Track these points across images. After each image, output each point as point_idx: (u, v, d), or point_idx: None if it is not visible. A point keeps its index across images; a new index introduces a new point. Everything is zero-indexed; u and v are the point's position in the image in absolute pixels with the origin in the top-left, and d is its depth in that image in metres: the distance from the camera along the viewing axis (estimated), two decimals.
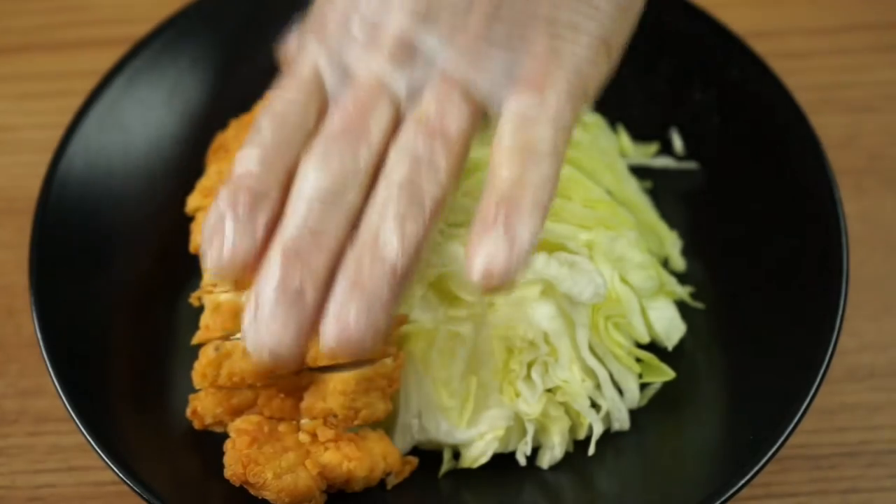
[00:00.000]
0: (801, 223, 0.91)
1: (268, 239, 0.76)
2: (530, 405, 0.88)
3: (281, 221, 0.76)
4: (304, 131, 0.79)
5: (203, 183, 0.94)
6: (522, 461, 0.89)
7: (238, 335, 0.86)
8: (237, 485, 0.84)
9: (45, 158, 0.95)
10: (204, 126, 1.02)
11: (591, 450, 0.88)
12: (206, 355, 0.86)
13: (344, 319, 0.73)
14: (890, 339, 1.00)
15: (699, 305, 0.94)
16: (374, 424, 0.87)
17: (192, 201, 0.94)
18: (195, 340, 0.88)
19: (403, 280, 0.74)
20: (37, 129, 1.12)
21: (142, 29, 1.02)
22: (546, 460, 0.90)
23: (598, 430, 0.88)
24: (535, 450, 0.90)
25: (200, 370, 0.86)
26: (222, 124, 1.01)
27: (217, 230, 0.76)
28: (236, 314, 0.87)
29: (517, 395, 0.88)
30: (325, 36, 0.81)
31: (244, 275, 0.76)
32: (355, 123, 0.78)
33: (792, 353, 0.87)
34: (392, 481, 0.87)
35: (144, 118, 1.00)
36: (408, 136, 0.77)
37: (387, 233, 0.74)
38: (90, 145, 0.97)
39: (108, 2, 1.20)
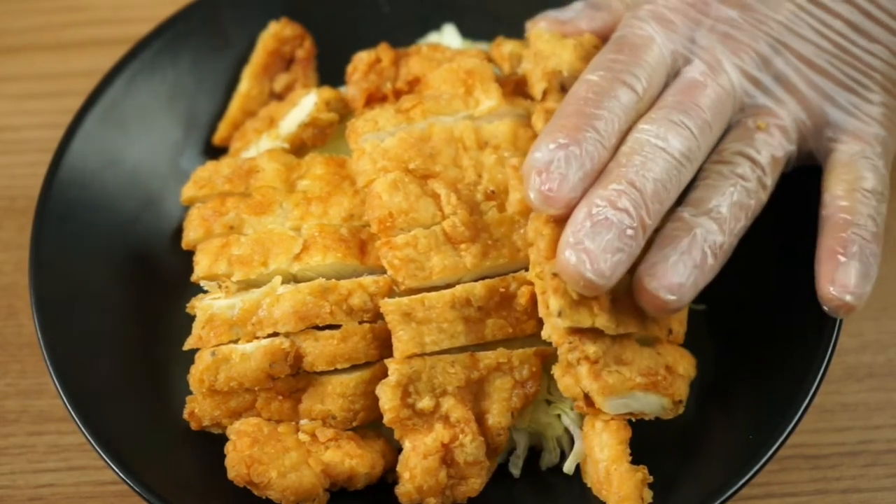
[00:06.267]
0: (802, 224, 0.91)
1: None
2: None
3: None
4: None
5: (198, 173, 0.94)
6: (516, 472, 0.90)
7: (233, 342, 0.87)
8: (241, 485, 0.84)
9: (46, 158, 0.95)
10: (203, 124, 1.02)
11: (569, 467, 0.88)
12: (202, 360, 0.86)
13: (670, 275, 0.80)
14: (889, 338, 1.01)
15: (699, 306, 0.94)
16: (372, 424, 0.88)
17: (187, 191, 0.94)
18: (187, 346, 0.88)
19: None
20: (37, 129, 1.12)
21: (141, 29, 1.02)
22: (545, 463, 0.90)
23: (577, 447, 0.88)
24: (531, 455, 0.90)
25: (198, 375, 0.86)
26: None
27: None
28: (230, 326, 0.87)
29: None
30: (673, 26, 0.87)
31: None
32: (704, 111, 0.84)
33: (792, 353, 0.87)
34: (393, 478, 0.87)
35: (144, 117, 1.00)
36: (747, 140, 0.85)
37: (720, 219, 0.82)
38: (90, 145, 0.97)
39: (107, 2, 1.20)
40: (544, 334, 0.82)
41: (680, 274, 0.80)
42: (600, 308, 0.81)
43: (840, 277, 0.83)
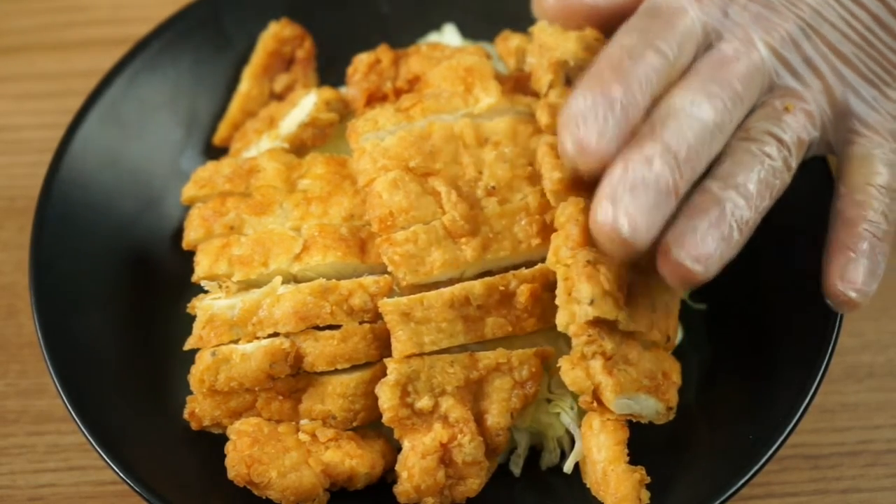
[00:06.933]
0: (802, 224, 0.91)
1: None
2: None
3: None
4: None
5: (199, 173, 0.94)
6: (517, 472, 0.90)
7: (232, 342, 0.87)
8: (241, 485, 0.84)
9: (46, 158, 0.95)
10: (203, 125, 1.02)
11: (569, 467, 0.88)
12: (202, 360, 0.86)
13: (699, 246, 0.79)
14: (889, 339, 1.00)
15: (699, 306, 0.94)
16: (372, 424, 0.88)
17: (188, 191, 0.94)
18: (187, 346, 0.88)
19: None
20: (37, 129, 1.12)
21: (141, 29, 1.02)
22: (545, 462, 0.90)
23: (578, 446, 0.88)
24: (531, 455, 0.91)
25: (198, 375, 0.86)
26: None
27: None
28: (230, 327, 0.87)
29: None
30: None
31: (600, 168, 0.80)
32: (736, 86, 0.83)
33: (792, 353, 0.87)
34: (393, 478, 0.87)
35: (144, 118, 1.00)
36: (775, 120, 0.84)
37: (747, 195, 0.81)
38: (90, 145, 0.97)
39: (108, 2, 1.20)
40: (560, 323, 0.81)
41: (708, 245, 0.79)
42: (623, 302, 0.81)
43: (849, 273, 0.84)
